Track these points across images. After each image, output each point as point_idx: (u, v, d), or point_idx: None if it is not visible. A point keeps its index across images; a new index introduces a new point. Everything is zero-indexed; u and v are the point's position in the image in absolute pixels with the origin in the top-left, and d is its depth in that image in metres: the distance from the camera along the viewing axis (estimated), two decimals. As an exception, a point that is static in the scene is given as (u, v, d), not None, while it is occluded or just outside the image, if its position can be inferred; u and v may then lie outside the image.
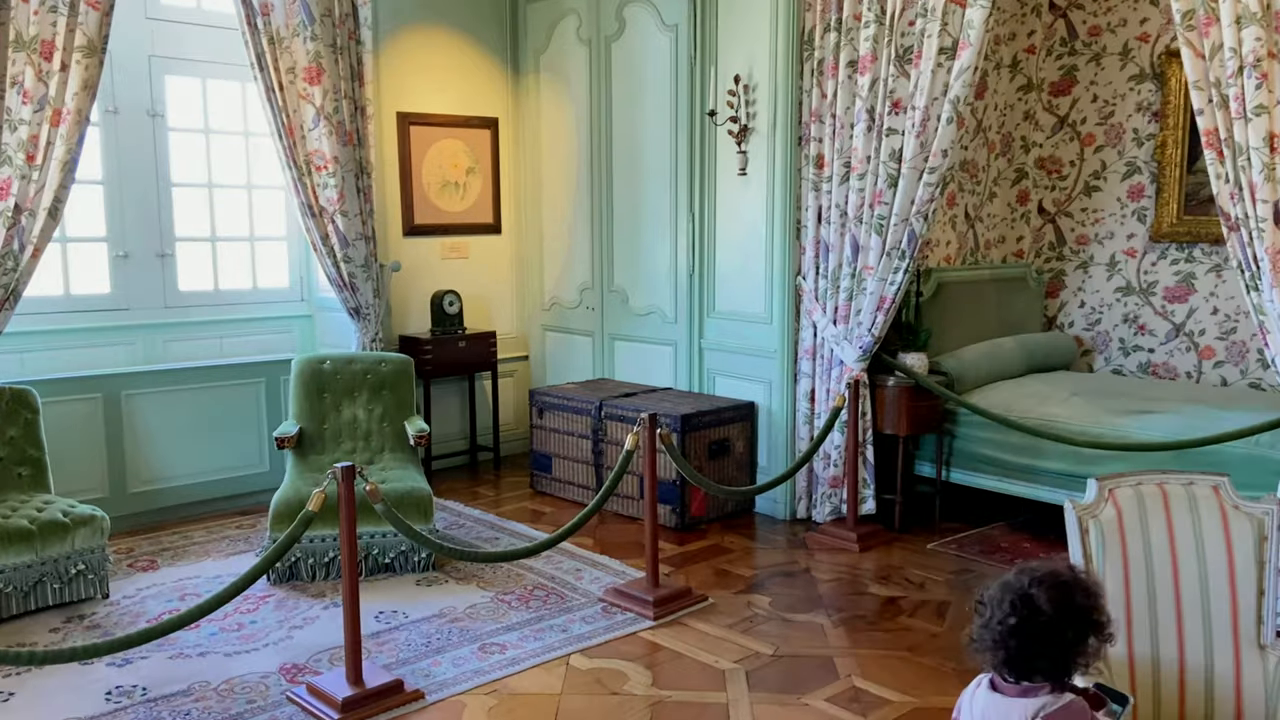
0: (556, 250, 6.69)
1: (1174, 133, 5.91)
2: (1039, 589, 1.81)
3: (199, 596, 4.33)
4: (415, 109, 6.25)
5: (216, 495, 5.60)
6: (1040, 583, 1.82)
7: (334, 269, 5.69)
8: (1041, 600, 1.79)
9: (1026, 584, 1.82)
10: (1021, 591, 1.81)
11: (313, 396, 5.08)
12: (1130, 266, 6.20)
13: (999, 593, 1.85)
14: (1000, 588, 1.86)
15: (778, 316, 5.41)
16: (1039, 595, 1.80)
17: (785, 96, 5.25)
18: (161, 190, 5.70)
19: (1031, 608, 1.79)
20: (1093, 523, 2.38)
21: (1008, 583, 1.86)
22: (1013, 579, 1.86)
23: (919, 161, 4.80)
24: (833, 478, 5.27)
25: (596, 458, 5.66)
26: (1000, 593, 1.85)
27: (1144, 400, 5.18)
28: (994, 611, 1.83)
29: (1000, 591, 1.85)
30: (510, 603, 4.28)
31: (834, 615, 4.17)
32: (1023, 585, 1.82)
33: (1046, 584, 1.81)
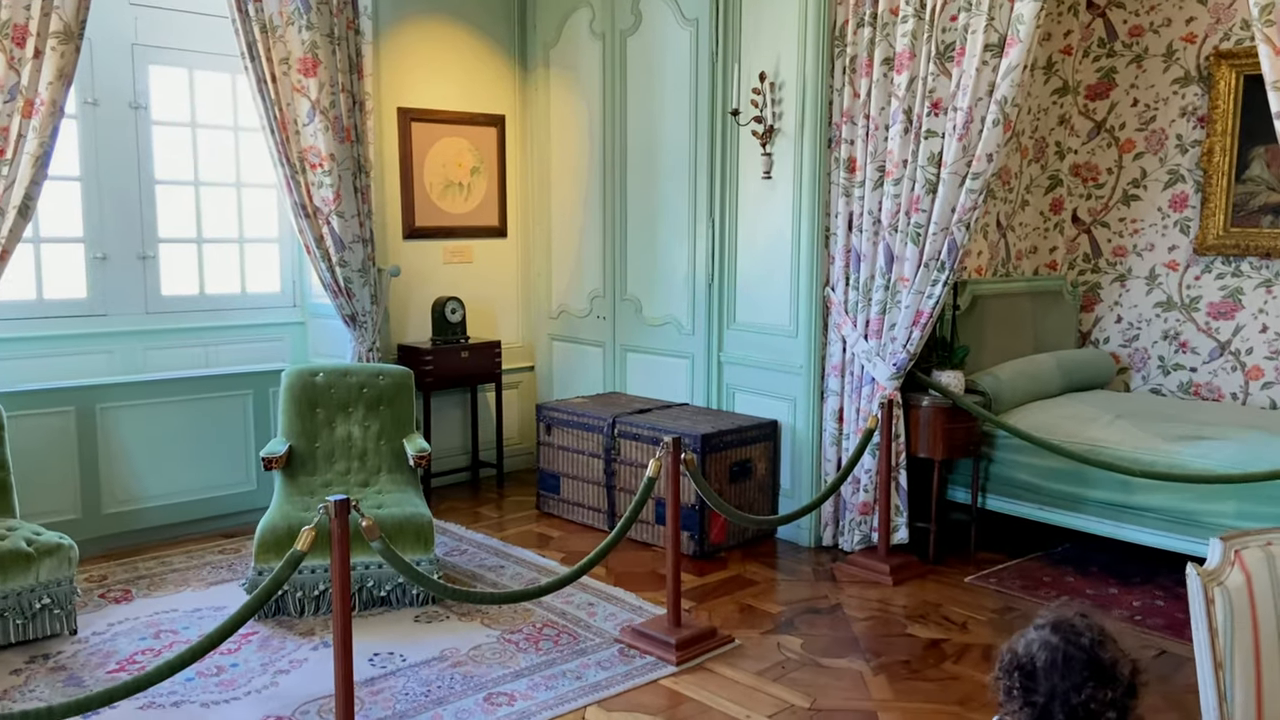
0: (566, 255, 6.33)
1: (1222, 139, 5.57)
2: (1110, 651, 1.62)
3: (175, 633, 3.97)
4: (417, 104, 5.89)
5: (198, 516, 5.22)
6: (1102, 644, 1.63)
7: (329, 273, 5.32)
8: (1119, 664, 1.62)
9: (1092, 647, 1.62)
10: (1093, 658, 1.61)
11: (304, 412, 4.70)
12: (1171, 280, 5.86)
13: (1056, 659, 1.63)
14: (1056, 654, 1.63)
15: (804, 329, 5.06)
16: (1111, 659, 1.62)
17: (814, 95, 4.90)
18: (144, 188, 5.33)
19: (1114, 676, 1.60)
20: (1219, 591, 2.02)
21: (1063, 650, 1.63)
22: (1062, 643, 1.63)
23: (960, 166, 4.45)
24: (863, 504, 4.92)
25: (608, 478, 5.29)
26: (1061, 660, 1.62)
27: (1195, 424, 4.84)
28: (1062, 682, 1.61)
29: (1060, 659, 1.62)
30: (518, 643, 3.91)
31: (872, 661, 3.82)
32: (1089, 649, 1.62)
33: (1109, 644, 1.63)
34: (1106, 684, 1.61)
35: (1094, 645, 1.63)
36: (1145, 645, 3.96)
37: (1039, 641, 1.66)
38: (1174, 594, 4.48)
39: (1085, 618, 1.68)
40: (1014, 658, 1.67)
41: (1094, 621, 1.67)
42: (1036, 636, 1.67)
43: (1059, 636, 1.65)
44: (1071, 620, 1.67)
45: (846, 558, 4.87)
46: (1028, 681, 1.65)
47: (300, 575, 4.09)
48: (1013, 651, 1.68)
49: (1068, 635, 1.65)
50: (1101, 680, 1.61)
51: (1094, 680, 1.61)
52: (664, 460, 3.86)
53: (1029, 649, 1.66)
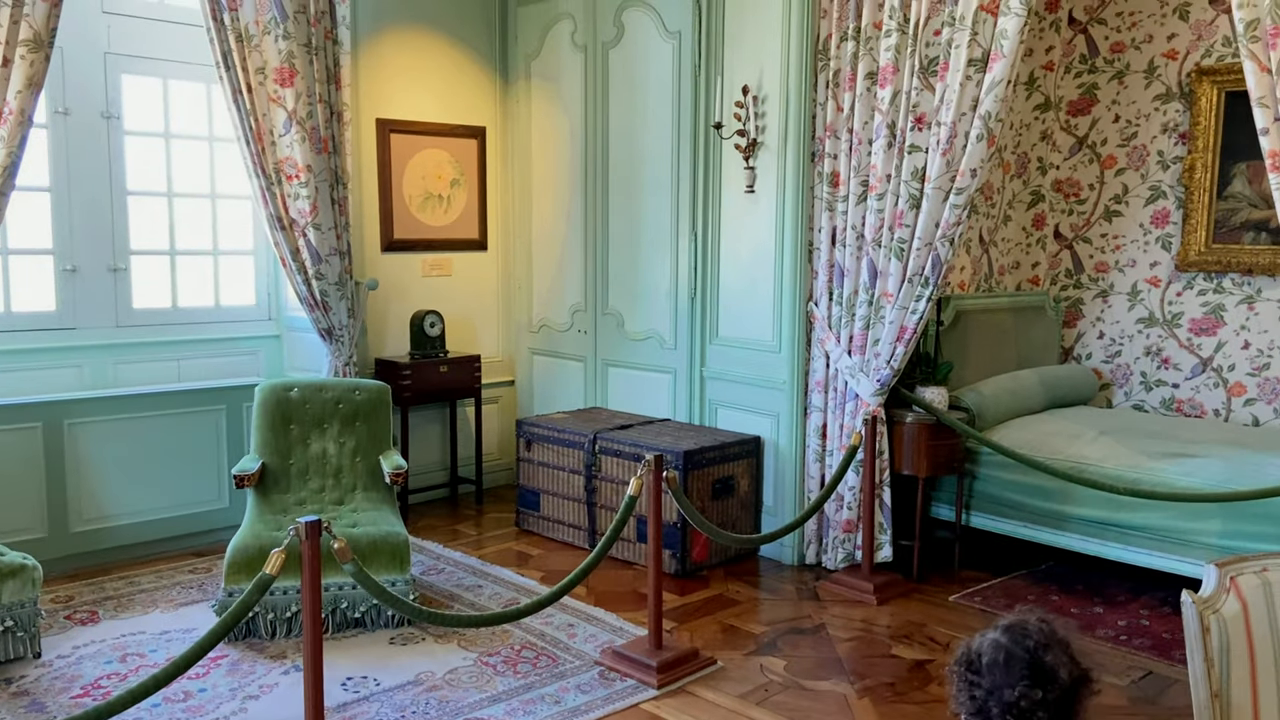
0: (547, 269, 6.26)
1: (1203, 155, 5.57)
2: (1050, 655, 1.69)
3: (142, 657, 3.86)
4: (396, 115, 5.81)
5: (169, 535, 5.10)
6: (1046, 647, 1.69)
7: (304, 287, 5.23)
8: (1059, 668, 1.68)
9: (1034, 649, 1.69)
10: (1033, 658, 1.68)
11: (278, 428, 4.60)
12: (1153, 296, 5.85)
13: (1001, 659, 1.70)
14: (1000, 653, 1.71)
15: (787, 345, 5.01)
16: (1054, 662, 1.68)
17: (797, 109, 4.86)
18: (115, 199, 5.22)
19: (1050, 677, 1.67)
20: (1214, 619, 1.97)
21: (1006, 647, 1.71)
22: (1009, 643, 1.71)
23: (944, 181, 4.42)
24: (846, 521, 4.86)
25: (589, 495, 5.21)
26: (1003, 659, 1.70)
27: (1180, 441, 4.81)
28: (1001, 680, 1.69)
29: (1003, 658, 1.70)
30: (496, 666, 3.82)
31: (856, 683, 3.75)
32: (1030, 650, 1.69)
33: (1053, 648, 1.70)
34: (1041, 685, 1.67)
35: (1037, 648, 1.69)
36: (1131, 666, 3.92)
37: (990, 640, 1.74)
38: (1159, 613, 4.45)
39: (1044, 623, 1.74)
40: (966, 653, 1.76)
41: (1048, 627, 1.73)
42: (990, 636, 1.75)
43: (1007, 637, 1.72)
44: (1025, 623, 1.74)
45: (830, 576, 4.81)
46: (973, 675, 1.73)
47: (271, 597, 3.99)
48: (967, 647, 1.77)
49: (1015, 636, 1.72)
50: (1037, 681, 1.67)
51: (1029, 680, 1.67)
52: (646, 478, 3.79)
53: (980, 646, 1.75)
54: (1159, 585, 4.64)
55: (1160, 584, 4.62)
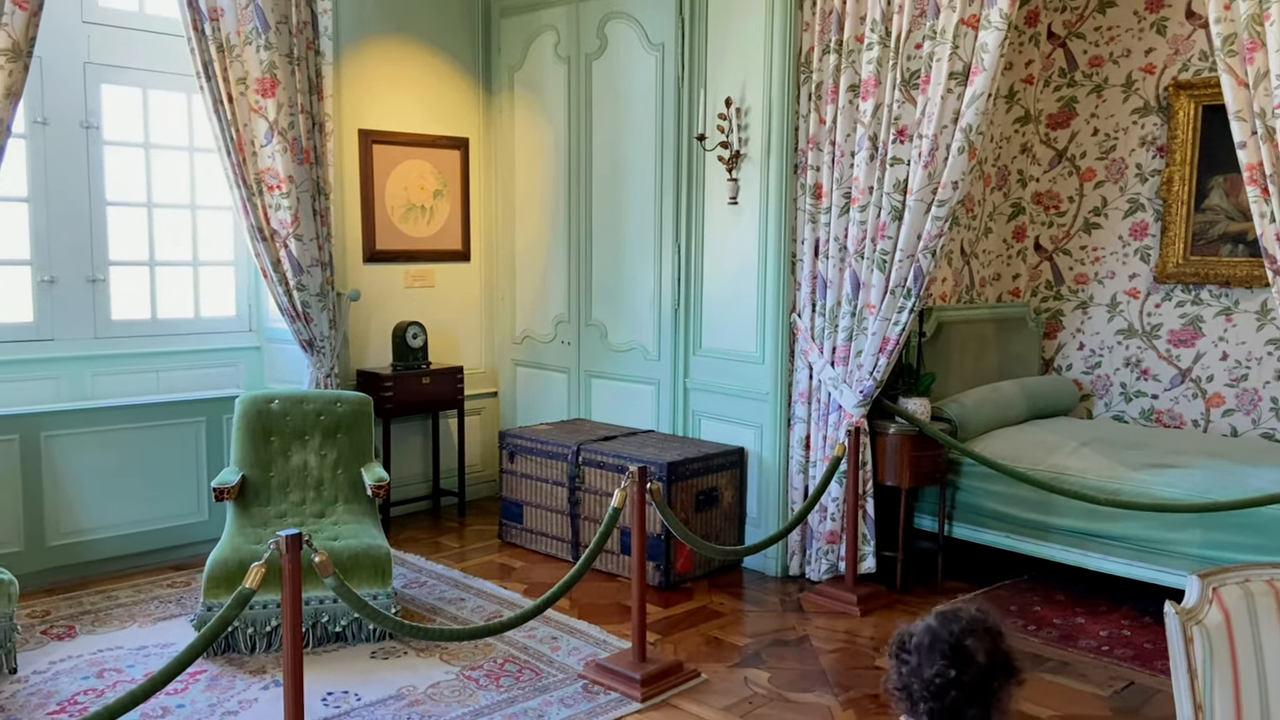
0: (530, 280, 6.25)
1: (1181, 169, 5.63)
2: (971, 639, 1.80)
3: (119, 672, 3.81)
4: (379, 126, 5.80)
5: (147, 548, 5.04)
6: (969, 632, 1.81)
7: (285, 298, 5.20)
8: (976, 651, 1.79)
9: (957, 633, 1.81)
10: (954, 642, 1.80)
11: (258, 440, 4.57)
12: (1133, 308, 5.90)
13: (926, 641, 1.83)
14: (926, 635, 1.84)
15: (770, 356, 5.01)
16: (973, 646, 1.79)
17: (780, 121, 4.88)
18: (94, 209, 5.18)
19: (966, 659, 1.78)
20: (1197, 630, 1.98)
21: (933, 631, 1.84)
22: (938, 627, 1.84)
23: (926, 193, 4.45)
24: (830, 533, 4.86)
25: (572, 507, 5.19)
26: (929, 641, 1.83)
27: (1160, 452, 4.84)
28: (924, 661, 1.81)
29: (929, 640, 1.83)
30: (479, 680, 3.79)
31: (840, 695, 3.74)
32: (953, 635, 1.81)
33: (977, 634, 1.81)
34: (956, 666, 1.78)
35: (961, 632, 1.80)
36: (1114, 677, 3.93)
37: (922, 624, 1.86)
38: (1141, 624, 4.47)
39: (979, 613, 1.86)
40: (900, 635, 1.88)
41: (979, 616, 1.84)
42: (924, 620, 1.87)
43: (938, 621, 1.84)
44: (957, 610, 1.85)
45: (814, 587, 4.81)
46: (903, 655, 1.85)
47: (251, 610, 3.95)
48: (902, 630, 1.89)
49: (944, 620, 1.83)
50: (953, 662, 1.78)
51: (946, 660, 1.78)
52: (629, 490, 3.77)
53: (913, 629, 1.87)
54: (1140, 595, 4.66)
55: (1141, 594, 4.64)
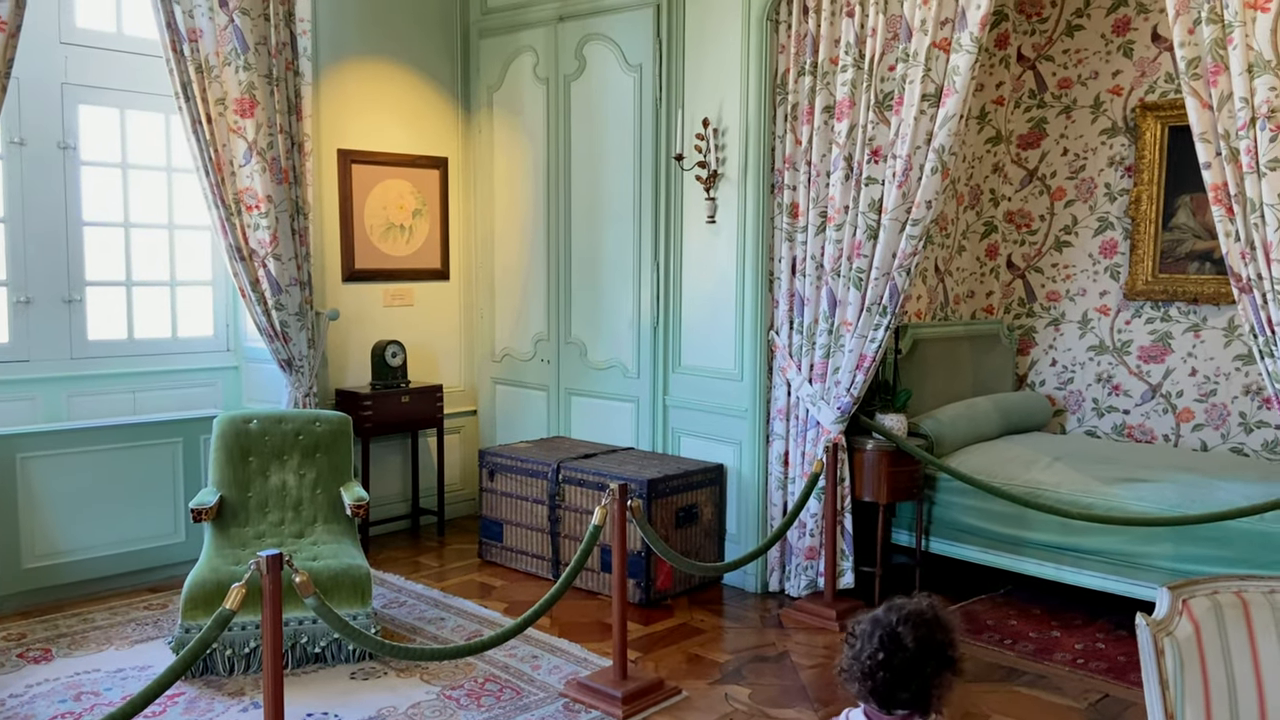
0: (509, 299, 6.28)
1: (1149, 188, 5.74)
2: (905, 626, 1.96)
3: (96, 695, 3.78)
4: (357, 146, 5.82)
5: (124, 570, 5.00)
6: (906, 620, 1.97)
7: (264, 317, 5.20)
8: (906, 637, 1.95)
9: (894, 621, 1.97)
10: (889, 628, 1.96)
11: (236, 460, 4.55)
12: (1104, 324, 6.00)
13: (869, 628, 2.00)
14: (871, 623, 2.01)
15: (748, 373, 5.06)
16: (904, 633, 1.95)
17: (757, 142, 4.95)
18: (71, 229, 5.16)
19: (897, 644, 1.95)
20: (1168, 641, 2.03)
21: (877, 619, 2.00)
22: (882, 615, 2.00)
23: (900, 213, 4.52)
24: (809, 548, 4.90)
25: (553, 525, 5.20)
26: (870, 628, 1.99)
27: (1131, 467, 4.92)
28: (864, 645, 1.98)
29: (870, 627, 2.00)
30: (459, 700, 3.79)
31: (820, 710, 3.77)
32: (890, 622, 1.97)
33: (911, 622, 1.97)
34: (887, 651, 1.95)
35: (899, 621, 1.97)
36: (1088, 689, 3.99)
37: (871, 614, 2.04)
38: (1115, 636, 4.53)
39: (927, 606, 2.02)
40: (854, 622, 2.06)
41: (920, 608, 2.00)
42: (874, 611, 2.05)
43: (883, 610, 2.02)
44: (904, 603, 2.02)
45: (793, 603, 4.84)
46: (851, 639, 2.03)
47: (230, 632, 3.93)
48: (855, 620, 2.07)
49: (887, 610, 2.01)
50: (886, 648, 1.95)
51: (878, 645, 1.96)
52: (610, 507, 3.80)
53: (863, 619, 2.05)
54: (1114, 609, 4.72)
55: (1115, 608, 4.71)
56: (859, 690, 2.02)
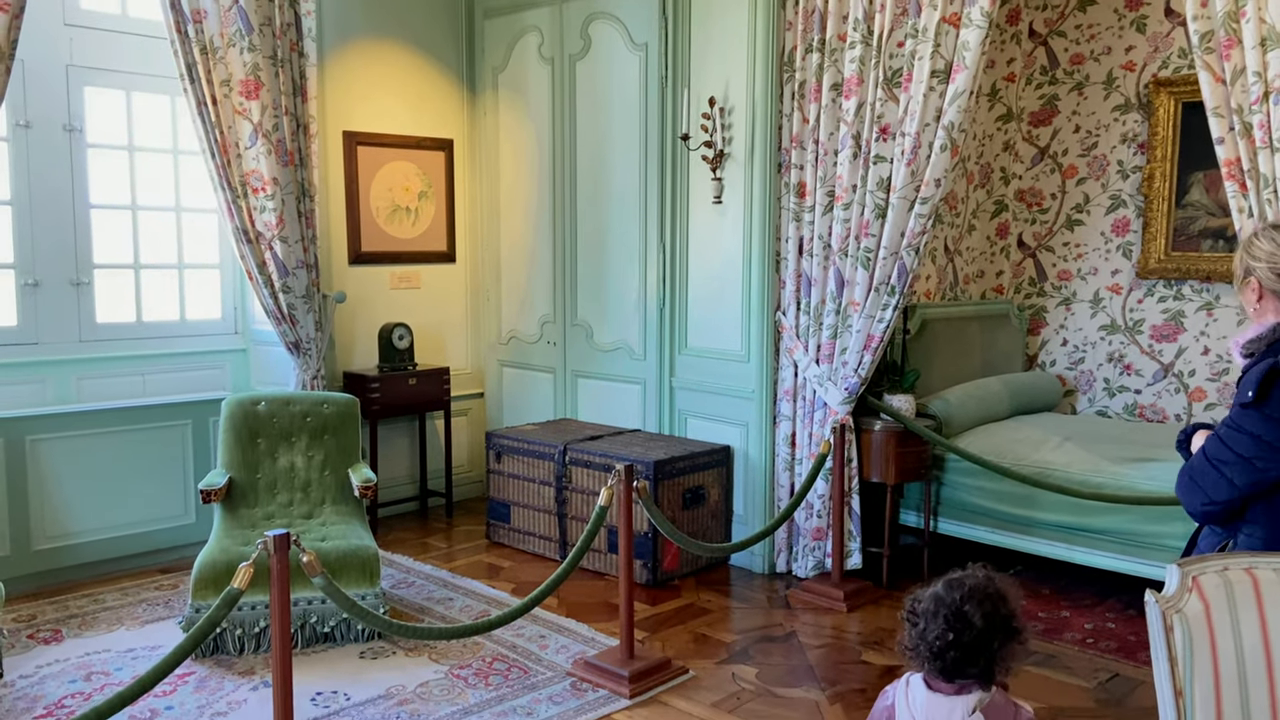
0: (515, 281, 6.26)
1: (1162, 165, 5.68)
2: (971, 604, 1.98)
3: (107, 675, 3.80)
4: (363, 128, 5.80)
5: (134, 551, 5.03)
6: (971, 597, 1.99)
7: (271, 300, 5.20)
8: (974, 615, 1.97)
9: (959, 599, 1.99)
10: (954, 607, 1.98)
11: (244, 442, 4.56)
12: (1115, 304, 5.95)
13: (932, 606, 2.01)
14: (933, 601, 2.02)
15: (755, 354, 5.04)
16: (971, 610, 1.97)
17: (764, 120, 4.91)
18: (78, 212, 5.16)
19: (965, 623, 1.97)
20: (1177, 618, 2.01)
21: (940, 597, 2.01)
22: (944, 593, 2.01)
23: (909, 191, 4.48)
24: (816, 529, 4.89)
25: (560, 506, 5.20)
26: (934, 607, 2.01)
27: (1142, 446, 4.89)
28: (929, 625, 2.00)
29: (934, 606, 2.01)
30: (467, 679, 3.80)
31: (827, 689, 3.77)
32: (955, 601, 1.99)
33: (976, 598, 1.99)
34: (955, 629, 1.97)
35: (963, 598, 1.98)
36: (1098, 669, 3.97)
37: (931, 591, 2.05)
38: (1125, 616, 4.51)
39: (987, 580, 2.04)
40: (912, 600, 2.08)
41: (981, 583, 2.02)
42: (933, 587, 2.06)
43: (943, 589, 2.03)
44: (963, 578, 2.03)
45: (800, 584, 4.83)
46: (914, 619, 2.05)
47: (239, 612, 3.95)
48: (914, 596, 2.08)
49: (950, 587, 2.02)
50: (952, 625, 1.97)
51: (946, 625, 1.97)
52: (616, 489, 3.79)
53: (922, 595, 2.06)
54: (1124, 589, 4.70)
55: (1126, 587, 4.69)
56: (927, 668, 2.04)
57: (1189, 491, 2.40)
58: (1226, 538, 2.40)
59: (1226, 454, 2.31)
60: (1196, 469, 2.38)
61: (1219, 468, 2.32)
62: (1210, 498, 2.34)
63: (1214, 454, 2.34)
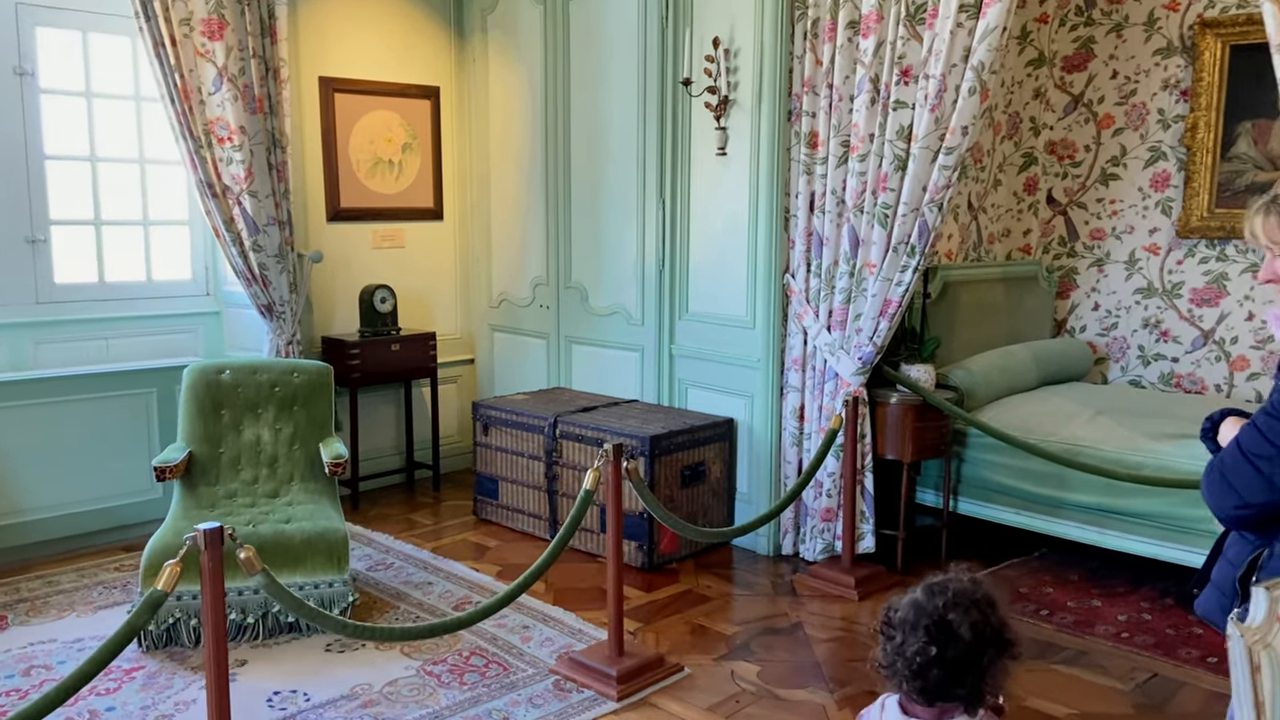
0: (507, 239, 5.86)
1: (1206, 114, 5.21)
2: (956, 614, 1.73)
3: (48, 669, 3.50)
4: (341, 74, 5.38)
5: (96, 528, 4.72)
6: (954, 605, 1.74)
7: (240, 259, 4.83)
8: (961, 627, 1.72)
9: (941, 609, 1.74)
10: (937, 617, 1.74)
11: (207, 414, 4.22)
12: (1152, 265, 5.51)
13: (911, 616, 1.77)
14: (912, 610, 1.78)
15: (761, 320, 4.64)
16: (957, 621, 1.72)
17: (773, 63, 4.47)
18: (32, 164, 4.79)
19: (949, 635, 1.72)
20: (1266, 656, 1.63)
21: (919, 604, 1.77)
22: (923, 600, 1.77)
23: (933, 140, 4.05)
24: (825, 510, 4.52)
25: (550, 483, 4.85)
26: (913, 617, 1.77)
27: (1183, 421, 4.48)
28: (907, 638, 1.76)
29: (913, 615, 1.77)
30: (440, 676, 3.47)
31: (836, 691, 3.42)
32: (937, 610, 1.74)
33: (961, 606, 1.74)
34: (938, 642, 1.71)
35: (945, 606, 1.73)
36: (1135, 668, 3.61)
37: (908, 598, 1.79)
38: (1161, 606, 4.14)
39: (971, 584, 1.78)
40: (887, 609, 1.83)
41: (966, 588, 1.76)
42: (910, 594, 1.80)
43: (923, 595, 1.77)
44: (945, 583, 1.78)
45: (808, 568, 4.48)
46: (889, 630, 1.79)
47: (195, 601, 3.63)
48: (889, 604, 1.83)
49: (929, 594, 1.76)
50: (934, 638, 1.71)
51: (928, 637, 1.72)
52: (603, 470, 3.42)
53: (899, 603, 1.80)
54: (1158, 575, 4.34)
55: (1160, 572, 4.32)
56: (905, 687, 1.80)
57: (1219, 491, 1.97)
58: (1261, 546, 1.98)
59: (1265, 447, 1.89)
60: (1228, 465, 1.95)
61: (1255, 463, 1.89)
62: (1244, 499, 1.92)
63: (1250, 447, 1.91)
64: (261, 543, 3.67)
